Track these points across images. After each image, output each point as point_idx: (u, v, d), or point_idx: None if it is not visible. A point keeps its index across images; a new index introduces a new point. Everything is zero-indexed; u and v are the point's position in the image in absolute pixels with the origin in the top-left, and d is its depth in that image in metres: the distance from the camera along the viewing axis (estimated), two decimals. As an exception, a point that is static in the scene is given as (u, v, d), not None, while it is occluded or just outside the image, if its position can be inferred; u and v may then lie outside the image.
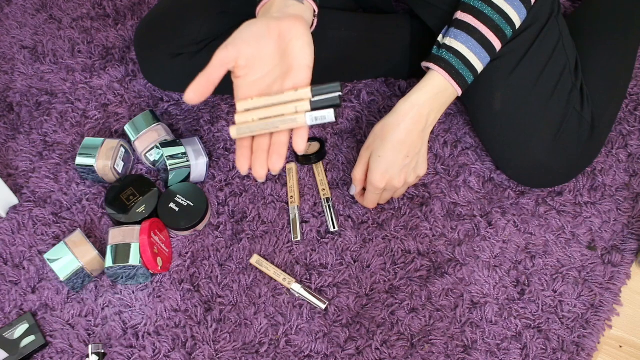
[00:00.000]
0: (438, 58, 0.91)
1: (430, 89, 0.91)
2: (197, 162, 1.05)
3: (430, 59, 0.92)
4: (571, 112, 0.99)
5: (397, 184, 0.95)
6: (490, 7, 0.90)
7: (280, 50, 0.75)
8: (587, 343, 0.95)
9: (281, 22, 0.74)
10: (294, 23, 0.73)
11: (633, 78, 1.15)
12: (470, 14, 0.90)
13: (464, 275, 1.00)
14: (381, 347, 0.95)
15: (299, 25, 0.73)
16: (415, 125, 0.91)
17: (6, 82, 1.21)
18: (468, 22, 0.90)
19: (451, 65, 0.90)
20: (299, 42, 0.74)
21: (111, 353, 0.96)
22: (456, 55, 0.90)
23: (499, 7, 0.90)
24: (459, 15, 0.91)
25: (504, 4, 0.90)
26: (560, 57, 0.99)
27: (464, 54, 0.90)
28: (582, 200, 1.06)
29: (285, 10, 0.77)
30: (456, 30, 0.91)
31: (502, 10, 0.90)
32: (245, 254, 1.03)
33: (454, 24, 0.92)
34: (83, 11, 1.28)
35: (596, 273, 1.00)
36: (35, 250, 1.04)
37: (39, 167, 1.11)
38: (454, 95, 0.93)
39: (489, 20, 0.90)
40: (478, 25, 0.90)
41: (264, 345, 0.96)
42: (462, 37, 0.90)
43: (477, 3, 0.90)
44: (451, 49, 0.90)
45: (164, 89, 1.15)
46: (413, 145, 0.92)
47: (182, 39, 1.05)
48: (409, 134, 0.91)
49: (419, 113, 0.91)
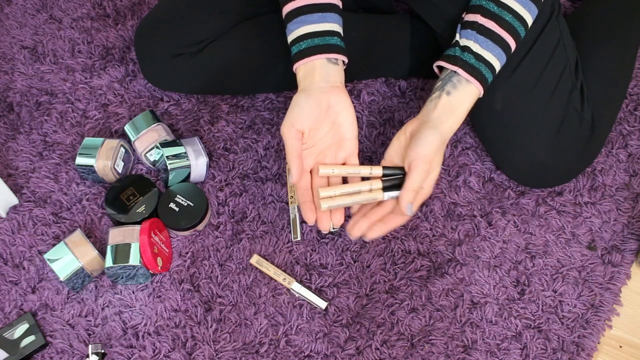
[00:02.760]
0: (469, 66, 0.87)
1: (470, 102, 0.88)
2: (197, 162, 1.05)
3: (456, 62, 0.88)
4: (571, 112, 0.99)
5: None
6: (510, 13, 0.88)
7: (331, 122, 0.89)
8: (587, 343, 0.95)
9: (329, 95, 0.87)
10: (339, 96, 0.88)
11: (633, 78, 1.15)
12: (492, 20, 0.88)
13: (464, 275, 1.00)
14: (381, 347, 0.95)
15: (343, 98, 0.88)
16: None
17: (6, 82, 1.21)
18: (491, 28, 0.88)
19: (482, 75, 0.88)
20: (347, 115, 0.88)
21: (111, 353, 0.96)
22: (486, 64, 0.88)
23: (517, 12, 0.88)
24: (480, 19, 0.88)
25: (520, 8, 0.88)
26: (561, 57, 0.99)
27: (492, 63, 0.88)
28: (582, 200, 1.06)
29: (328, 79, 0.89)
30: (480, 37, 0.88)
31: (520, 15, 0.88)
32: (245, 254, 1.03)
33: (474, 27, 0.88)
34: (83, 11, 1.28)
35: (596, 273, 1.00)
36: (35, 250, 1.04)
37: (39, 167, 1.11)
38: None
39: (509, 27, 0.88)
40: (501, 32, 0.88)
41: (264, 345, 0.96)
42: (488, 45, 0.87)
43: (496, 9, 0.88)
44: (480, 57, 0.87)
45: (164, 89, 1.15)
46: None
47: (182, 39, 1.05)
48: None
49: (457, 124, 0.89)
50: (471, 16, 0.89)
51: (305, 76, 0.90)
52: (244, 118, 1.14)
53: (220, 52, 1.07)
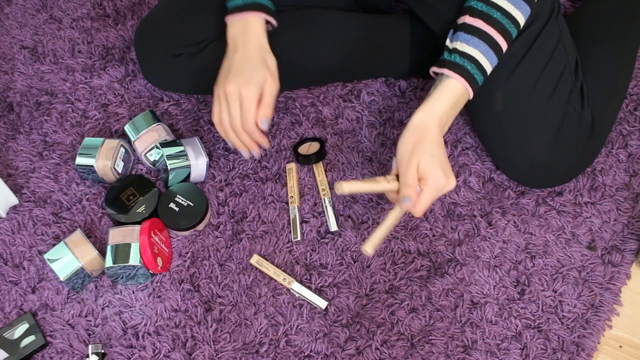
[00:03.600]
0: (453, 64, 0.89)
1: (451, 97, 0.89)
2: (197, 162, 1.05)
3: (444, 65, 0.90)
4: (571, 112, 0.99)
5: (452, 183, 0.90)
6: (498, 11, 0.89)
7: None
8: (587, 343, 0.95)
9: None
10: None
11: (633, 78, 1.15)
12: (479, 18, 0.89)
13: (464, 275, 1.00)
14: (381, 347, 0.95)
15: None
16: (440, 132, 0.90)
17: (6, 82, 1.21)
18: (478, 26, 0.89)
19: (466, 70, 0.89)
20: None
21: (111, 353, 0.96)
22: (470, 60, 0.89)
23: (506, 10, 0.89)
24: (468, 19, 0.90)
25: (510, 6, 0.89)
26: (561, 57, 0.99)
27: (477, 58, 0.89)
28: (582, 200, 1.06)
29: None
30: (467, 35, 0.89)
31: (510, 14, 0.89)
32: (245, 254, 1.03)
33: (463, 28, 0.90)
34: (83, 11, 1.28)
35: (596, 273, 1.00)
36: (35, 250, 1.04)
37: (39, 167, 1.11)
38: (466, 101, 0.92)
39: (498, 24, 0.89)
40: (488, 29, 0.89)
41: (264, 345, 0.96)
42: (473, 41, 0.89)
43: (484, 7, 0.89)
44: (464, 54, 0.89)
45: (164, 88, 1.15)
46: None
47: (182, 40, 1.05)
48: (441, 136, 0.90)
49: (440, 121, 0.89)
50: (461, 18, 0.91)
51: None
52: (244, 118, 1.14)
53: (221, 52, 1.07)
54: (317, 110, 1.15)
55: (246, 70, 0.94)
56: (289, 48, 1.07)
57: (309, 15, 1.10)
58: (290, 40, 1.07)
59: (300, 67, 1.11)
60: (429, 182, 0.87)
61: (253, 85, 0.93)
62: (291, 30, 1.07)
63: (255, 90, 0.94)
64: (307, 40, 1.09)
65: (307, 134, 1.13)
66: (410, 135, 0.89)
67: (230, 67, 0.95)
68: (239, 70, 0.94)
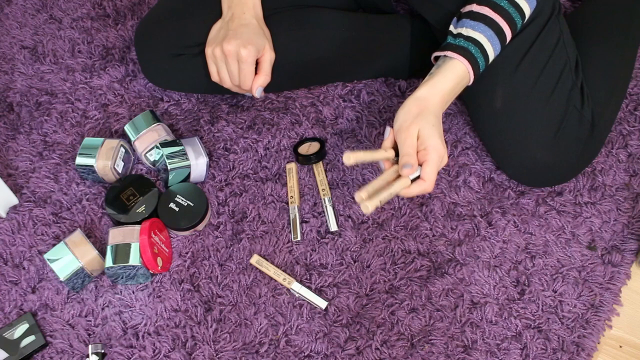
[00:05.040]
0: (457, 47, 0.90)
1: (453, 77, 0.90)
2: (197, 162, 1.05)
3: (448, 48, 0.90)
4: (571, 110, 0.99)
5: (447, 157, 0.90)
6: (506, 0, 0.90)
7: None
8: (587, 343, 0.95)
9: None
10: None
11: (633, 78, 1.15)
12: (487, 5, 0.90)
13: (464, 275, 1.00)
14: (381, 347, 0.95)
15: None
16: (441, 108, 0.90)
17: (6, 82, 1.21)
18: (485, 13, 0.90)
19: (470, 53, 0.89)
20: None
21: (111, 353, 0.96)
22: (475, 43, 0.89)
23: (514, 0, 0.90)
24: (475, 7, 0.90)
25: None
26: (561, 55, 0.99)
27: (482, 43, 0.90)
28: (582, 200, 1.06)
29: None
30: (472, 22, 0.90)
31: (517, 3, 0.90)
32: (245, 254, 1.03)
33: (469, 15, 0.91)
34: (83, 11, 1.28)
35: (596, 273, 1.00)
36: (35, 250, 1.04)
37: (39, 167, 1.11)
38: (465, 85, 0.93)
39: (505, 12, 0.90)
40: (495, 16, 0.90)
41: (264, 345, 0.96)
42: (479, 27, 0.90)
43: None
44: (469, 38, 0.90)
45: (164, 87, 1.14)
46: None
47: (182, 40, 1.05)
48: (441, 112, 0.90)
49: (442, 98, 0.89)
50: (467, 7, 0.92)
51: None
52: (244, 118, 1.14)
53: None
54: (317, 110, 1.15)
55: (245, 33, 0.96)
56: (289, 48, 1.07)
57: (309, 15, 1.10)
58: (290, 40, 1.07)
59: (300, 67, 1.11)
60: (429, 150, 0.86)
61: (252, 46, 0.95)
62: (291, 30, 1.07)
63: (254, 52, 0.95)
64: (307, 40, 1.09)
65: (307, 134, 1.13)
66: (411, 104, 0.89)
67: (228, 32, 0.97)
68: (237, 34, 0.96)
